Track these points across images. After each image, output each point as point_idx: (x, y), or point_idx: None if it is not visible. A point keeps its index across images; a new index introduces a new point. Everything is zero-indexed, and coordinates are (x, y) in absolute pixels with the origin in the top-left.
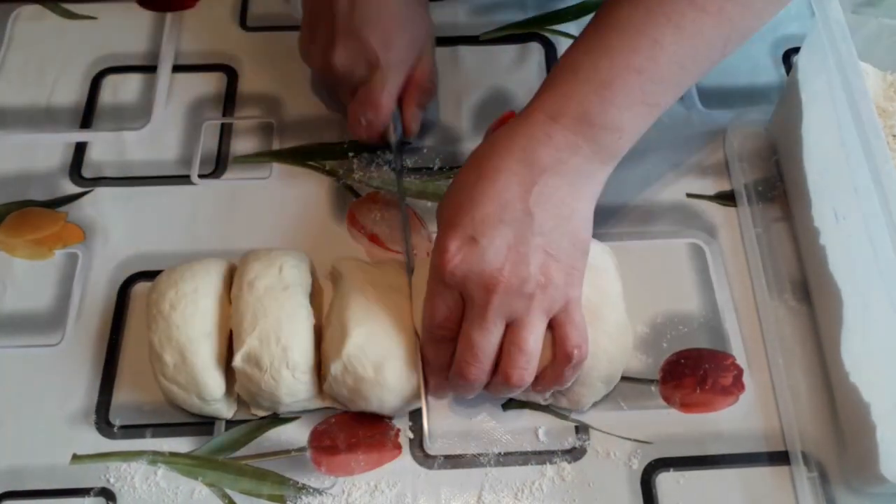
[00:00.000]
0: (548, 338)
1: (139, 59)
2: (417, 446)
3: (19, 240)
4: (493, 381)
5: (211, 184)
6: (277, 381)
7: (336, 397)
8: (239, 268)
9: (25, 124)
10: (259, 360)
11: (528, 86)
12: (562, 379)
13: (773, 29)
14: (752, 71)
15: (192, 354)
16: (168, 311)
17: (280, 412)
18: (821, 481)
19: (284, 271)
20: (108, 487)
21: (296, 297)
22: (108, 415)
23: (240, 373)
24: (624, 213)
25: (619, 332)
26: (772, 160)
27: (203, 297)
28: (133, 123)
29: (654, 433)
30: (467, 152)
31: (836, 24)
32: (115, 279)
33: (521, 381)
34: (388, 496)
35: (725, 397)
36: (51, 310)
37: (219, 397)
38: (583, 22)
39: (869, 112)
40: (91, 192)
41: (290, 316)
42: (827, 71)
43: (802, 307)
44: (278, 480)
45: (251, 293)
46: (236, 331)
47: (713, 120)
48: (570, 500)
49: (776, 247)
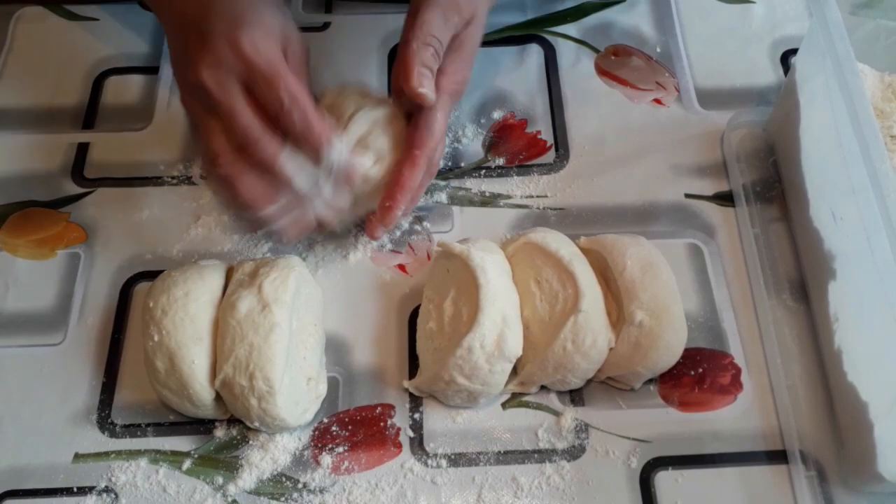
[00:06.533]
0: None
1: (141, 60)
2: (417, 445)
3: (22, 240)
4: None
5: (212, 184)
6: (248, 408)
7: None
8: (230, 280)
9: (28, 125)
10: (232, 387)
11: (528, 87)
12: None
13: (772, 30)
14: (750, 72)
15: (181, 361)
16: (160, 317)
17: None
18: (819, 480)
19: (264, 288)
20: (110, 486)
21: (271, 316)
22: (110, 414)
23: (222, 395)
24: (623, 214)
25: (681, 326)
26: (770, 161)
27: (193, 302)
28: (135, 124)
29: (652, 432)
30: (467, 153)
31: (833, 26)
32: (117, 279)
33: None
34: (388, 495)
35: (724, 396)
36: (53, 310)
37: (208, 403)
38: (582, 23)
39: (866, 113)
40: (93, 192)
41: (265, 339)
42: (825, 72)
43: (800, 307)
44: (279, 479)
45: (233, 315)
46: (219, 353)
47: (711, 121)
48: (570, 499)
49: (774, 247)
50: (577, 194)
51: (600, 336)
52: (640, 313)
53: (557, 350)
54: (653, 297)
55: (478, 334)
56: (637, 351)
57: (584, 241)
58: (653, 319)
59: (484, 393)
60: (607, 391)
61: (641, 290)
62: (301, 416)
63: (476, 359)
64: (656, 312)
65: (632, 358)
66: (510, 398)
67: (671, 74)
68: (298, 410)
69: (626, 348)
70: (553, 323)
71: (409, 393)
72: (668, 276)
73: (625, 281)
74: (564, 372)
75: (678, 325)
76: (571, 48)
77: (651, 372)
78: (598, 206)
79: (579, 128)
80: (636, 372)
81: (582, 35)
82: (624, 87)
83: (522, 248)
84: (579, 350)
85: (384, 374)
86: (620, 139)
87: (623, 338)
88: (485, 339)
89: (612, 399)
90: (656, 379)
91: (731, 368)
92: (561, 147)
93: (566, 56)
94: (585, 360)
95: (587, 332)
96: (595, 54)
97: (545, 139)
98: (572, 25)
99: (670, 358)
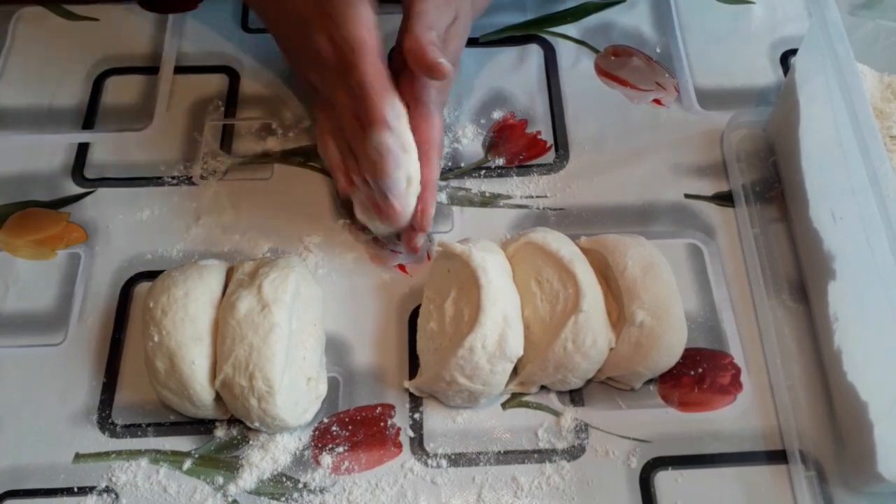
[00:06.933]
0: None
1: (141, 60)
2: (418, 445)
3: (22, 240)
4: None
5: (212, 184)
6: (247, 408)
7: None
8: (230, 280)
9: (28, 125)
10: (232, 388)
11: (528, 87)
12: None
13: (772, 30)
14: (749, 72)
15: (181, 361)
16: (160, 317)
17: (269, 433)
18: (819, 480)
19: (264, 288)
20: (111, 486)
21: (271, 317)
22: (111, 414)
23: (222, 395)
24: (622, 214)
25: (681, 326)
26: (769, 161)
27: (193, 302)
28: (135, 124)
29: (652, 432)
30: (467, 153)
31: (833, 26)
32: (117, 279)
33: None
34: (388, 495)
35: (723, 396)
36: (53, 310)
37: (208, 403)
38: (582, 24)
39: (866, 113)
40: (93, 192)
41: (264, 339)
42: (824, 72)
43: (800, 307)
44: (279, 479)
45: (233, 316)
46: (219, 353)
47: (711, 121)
48: (570, 499)
49: (774, 247)
50: (576, 194)
51: (601, 336)
52: (641, 313)
53: (558, 350)
54: (654, 297)
55: (479, 334)
56: (638, 351)
57: (584, 241)
58: (654, 320)
59: (485, 393)
60: (607, 391)
61: (643, 291)
62: (301, 416)
63: (477, 359)
64: (657, 313)
65: (632, 358)
66: (510, 398)
67: (671, 75)
68: (298, 410)
69: (627, 348)
70: (554, 323)
71: (409, 393)
72: (668, 277)
73: (626, 281)
74: (565, 372)
75: (679, 326)
76: (571, 48)
77: (651, 372)
78: (598, 206)
79: (579, 128)
80: (636, 372)
81: (582, 35)
82: (624, 88)
83: (523, 248)
84: (580, 350)
85: (384, 375)
86: (620, 139)
87: (624, 338)
88: (486, 340)
89: (611, 399)
90: (656, 379)
91: (731, 368)
92: (561, 147)
93: (566, 56)
94: (586, 360)
95: (588, 332)
96: (595, 54)
97: (545, 139)
98: (572, 26)
99: (671, 358)
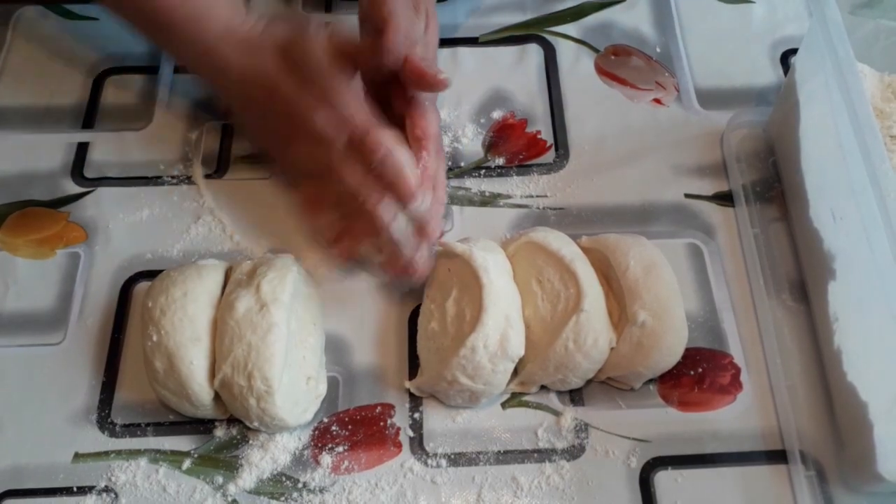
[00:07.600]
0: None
1: (141, 59)
2: (417, 445)
3: (21, 240)
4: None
5: (212, 184)
6: (247, 408)
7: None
8: (228, 279)
9: (27, 124)
10: (231, 387)
11: (528, 87)
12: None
13: (772, 30)
14: (749, 72)
15: (179, 361)
16: (158, 317)
17: (268, 433)
18: (818, 480)
19: (262, 288)
20: (110, 486)
21: (269, 316)
22: (110, 414)
23: (221, 395)
24: (622, 213)
25: (682, 326)
26: (769, 161)
27: (192, 303)
28: (135, 124)
29: (652, 432)
30: (467, 153)
31: (833, 26)
32: (117, 279)
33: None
34: (388, 494)
35: (723, 396)
36: (53, 309)
37: (207, 403)
38: (582, 23)
39: (866, 113)
40: (93, 192)
41: (263, 339)
42: (824, 72)
43: (800, 307)
44: (279, 479)
45: (231, 315)
46: (217, 353)
47: (711, 121)
48: (569, 499)
49: (774, 247)
50: (576, 194)
51: (602, 336)
52: (642, 313)
53: (559, 349)
54: (655, 297)
55: (481, 334)
56: (639, 351)
57: (585, 240)
58: (655, 320)
59: (485, 393)
60: (607, 391)
61: (644, 291)
62: (301, 415)
63: (479, 358)
64: (659, 313)
65: (633, 358)
66: (510, 398)
67: (671, 74)
68: (298, 410)
69: (628, 348)
70: (555, 322)
71: (409, 393)
72: (669, 277)
73: (627, 281)
74: (565, 371)
75: (680, 326)
76: (571, 48)
77: (652, 372)
78: (598, 205)
79: (579, 128)
80: (637, 372)
81: (582, 35)
82: (624, 87)
83: (524, 247)
84: (581, 350)
85: (384, 374)
86: (620, 139)
87: (625, 338)
88: (488, 339)
89: (611, 399)
90: (656, 379)
91: (731, 368)
92: (561, 147)
93: (566, 56)
94: (587, 360)
95: (589, 332)
96: (595, 54)
97: (545, 139)
98: (572, 25)
99: (671, 358)
